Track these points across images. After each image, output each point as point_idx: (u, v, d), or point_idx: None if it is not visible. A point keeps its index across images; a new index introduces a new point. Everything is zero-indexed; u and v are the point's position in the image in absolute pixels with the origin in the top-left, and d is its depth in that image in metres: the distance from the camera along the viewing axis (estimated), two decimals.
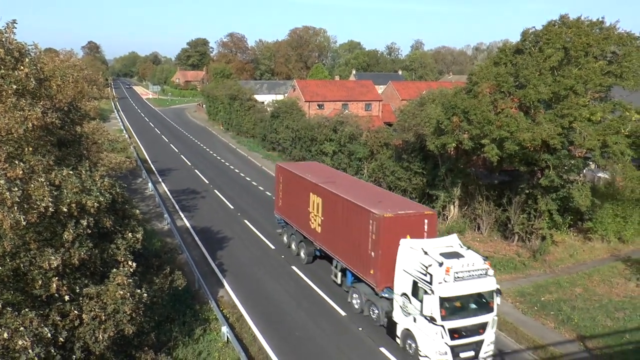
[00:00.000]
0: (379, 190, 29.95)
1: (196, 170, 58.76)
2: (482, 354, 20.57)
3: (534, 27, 32.08)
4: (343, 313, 25.25)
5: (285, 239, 34.47)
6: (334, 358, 21.48)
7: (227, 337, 22.49)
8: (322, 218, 28.28)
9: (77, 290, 16.49)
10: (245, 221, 39.87)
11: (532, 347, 22.52)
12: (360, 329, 23.77)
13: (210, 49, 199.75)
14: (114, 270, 17.21)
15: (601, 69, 29.00)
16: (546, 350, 22.25)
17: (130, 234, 19.11)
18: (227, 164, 63.29)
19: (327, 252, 28.31)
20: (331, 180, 29.74)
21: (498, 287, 20.78)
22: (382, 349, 22.01)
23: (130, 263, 17.84)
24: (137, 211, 22.19)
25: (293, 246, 32.98)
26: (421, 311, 20.24)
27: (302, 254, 31.63)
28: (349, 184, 29.82)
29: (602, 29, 30.17)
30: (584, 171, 35.70)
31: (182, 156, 67.55)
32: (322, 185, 28.46)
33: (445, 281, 19.60)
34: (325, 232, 28.19)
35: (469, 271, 20.04)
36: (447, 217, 39.42)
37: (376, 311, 23.91)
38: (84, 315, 16.06)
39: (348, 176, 34.27)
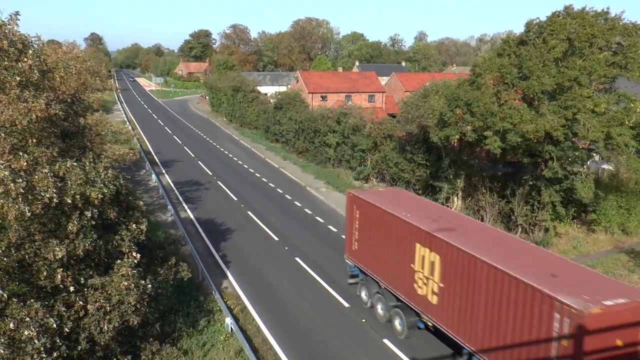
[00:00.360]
0: (533, 248, 19.54)
1: (199, 162, 58.82)
2: None
3: (538, 18, 31.99)
4: (346, 305, 25.30)
5: (363, 295, 25.29)
6: (337, 349, 21.55)
7: (231, 328, 22.59)
8: (442, 285, 19.21)
9: (82, 281, 16.60)
10: (249, 213, 39.93)
11: None
12: (363, 320, 23.83)
13: (213, 41, 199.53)
14: (119, 261, 17.33)
15: (606, 60, 28.84)
16: None
17: (134, 226, 19.21)
18: (230, 155, 63.31)
19: (449, 334, 19.29)
20: (446, 225, 20.40)
21: None
22: (385, 340, 22.06)
23: (134, 254, 17.95)
24: (141, 203, 22.30)
25: (379, 309, 23.77)
26: None
27: (396, 324, 22.49)
28: (477, 232, 20.21)
29: (607, 19, 29.99)
30: (588, 163, 35.64)
31: (185, 148, 67.61)
32: (441, 236, 19.16)
33: None
34: (448, 306, 19.05)
35: None
36: (450, 209, 39.39)
37: None
38: (89, 306, 16.18)
39: (465, 217, 23.49)
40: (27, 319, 13.87)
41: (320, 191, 46.45)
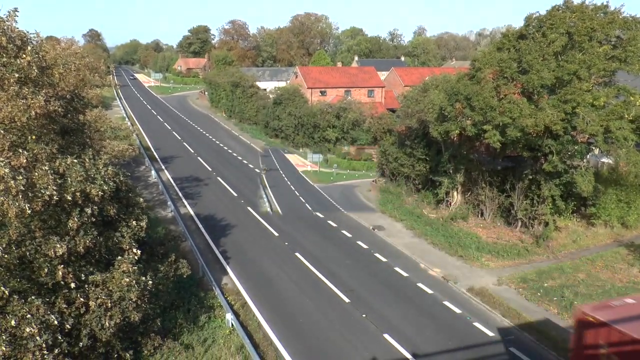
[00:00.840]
0: None
1: (199, 158, 58.75)
2: None
3: (537, 12, 31.98)
4: (347, 300, 25.33)
5: None
6: (337, 344, 21.59)
7: (232, 324, 22.61)
8: None
9: (83, 278, 16.59)
10: (249, 208, 39.92)
11: (536, 333, 22.58)
12: (364, 315, 23.86)
13: (212, 36, 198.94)
14: (119, 257, 17.33)
15: (605, 53, 28.82)
16: (549, 336, 22.32)
17: (134, 222, 19.17)
18: (229, 151, 63.24)
19: None
20: None
21: None
22: (386, 335, 22.11)
23: (134, 251, 17.94)
24: (141, 199, 22.22)
25: None
26: None
27: None
28: None
29: (606, 13, 29.96)
30: (588, 156, 35.65)
31: (184, 143, 67.50)
32: None
33: None
34: None
35: None
36: (450, 204, 39.42)
37: None
38: (90, 303, 16.19)
39: None
40: (29, 315, 13.90)
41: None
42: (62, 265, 15.53)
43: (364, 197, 44.43)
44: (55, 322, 14.57)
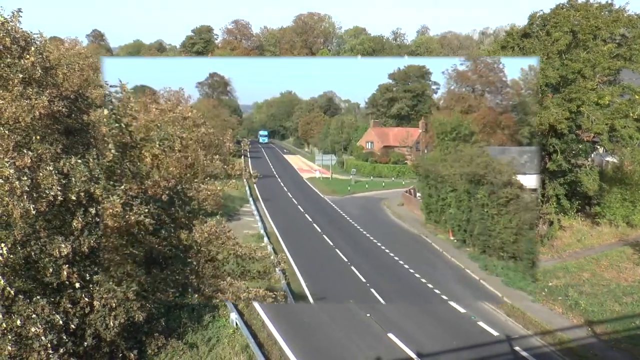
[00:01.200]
0: None
1: None
2: None
3: (541, 10, 31.81)
4: (351, 299, 25.31)
5: None
6: (342, 344, 21.57)
7: (236, 323, 22.60)
8: None
9: (87, 278, 16.59)
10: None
11: (540, 333, 22.52)
12: (368, 315, 23.84)
13: (215, 36, 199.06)
14: None
15: (610, 52, 28.71)
16: (554, 336, 22.27)
17: None
18: None
19: None
20: None
21: None
22: (390, 335, 22.07)
23: None
24: None
25: None
26: None
27: None
28: None
29: (611, 11, 29.83)
30: (592, 155, 35.53)
31: None
32: None
33: None
34: None
35: None
36: None
37: None
38: (94, 302, 16.19)
39: None
40: (34, 315, 13.92)
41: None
42: (66, 265, 15.52)
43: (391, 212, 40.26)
44: (60, 322, 14.59)
